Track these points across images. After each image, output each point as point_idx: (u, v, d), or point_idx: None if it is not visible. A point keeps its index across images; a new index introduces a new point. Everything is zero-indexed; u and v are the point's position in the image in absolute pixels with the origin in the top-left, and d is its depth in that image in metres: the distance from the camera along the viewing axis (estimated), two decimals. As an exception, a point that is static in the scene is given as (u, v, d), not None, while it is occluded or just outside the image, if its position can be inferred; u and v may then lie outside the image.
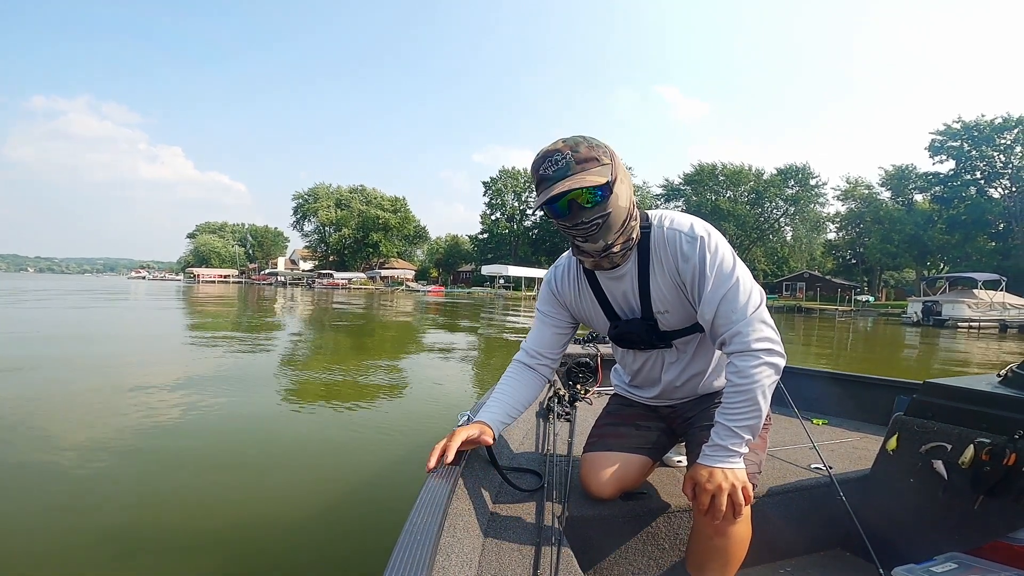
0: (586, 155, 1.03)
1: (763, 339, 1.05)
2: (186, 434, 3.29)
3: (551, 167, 1.03)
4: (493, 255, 60.62)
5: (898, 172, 45.55)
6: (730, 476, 1.03)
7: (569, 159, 1.02)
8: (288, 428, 3.59)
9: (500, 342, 10.08)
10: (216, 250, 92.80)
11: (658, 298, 1.17)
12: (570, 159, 1.02)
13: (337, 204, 68.89)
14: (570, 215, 1.06)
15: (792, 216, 50.16)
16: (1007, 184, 38.34)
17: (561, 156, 1.03)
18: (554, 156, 1.03)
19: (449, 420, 3.65)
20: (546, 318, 1.31)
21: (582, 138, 1.06)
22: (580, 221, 1.06)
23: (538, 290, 10.30)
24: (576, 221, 1.06)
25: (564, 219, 1.08)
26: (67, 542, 1.97)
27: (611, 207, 1.06)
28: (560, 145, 1.05)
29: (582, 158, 1.03)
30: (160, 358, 6.51)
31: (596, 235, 1.07)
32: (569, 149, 1.03)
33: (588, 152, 1.04)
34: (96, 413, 3.70)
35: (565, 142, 1.05)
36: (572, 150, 1.03)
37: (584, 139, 1.06)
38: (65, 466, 2.68)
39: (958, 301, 22.42)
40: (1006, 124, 37.05)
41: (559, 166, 1.03)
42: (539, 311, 1.33)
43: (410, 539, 0.77)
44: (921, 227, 39.89)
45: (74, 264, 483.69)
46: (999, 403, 1.23)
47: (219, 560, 1.90)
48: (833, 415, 2.29)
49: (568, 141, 1.05)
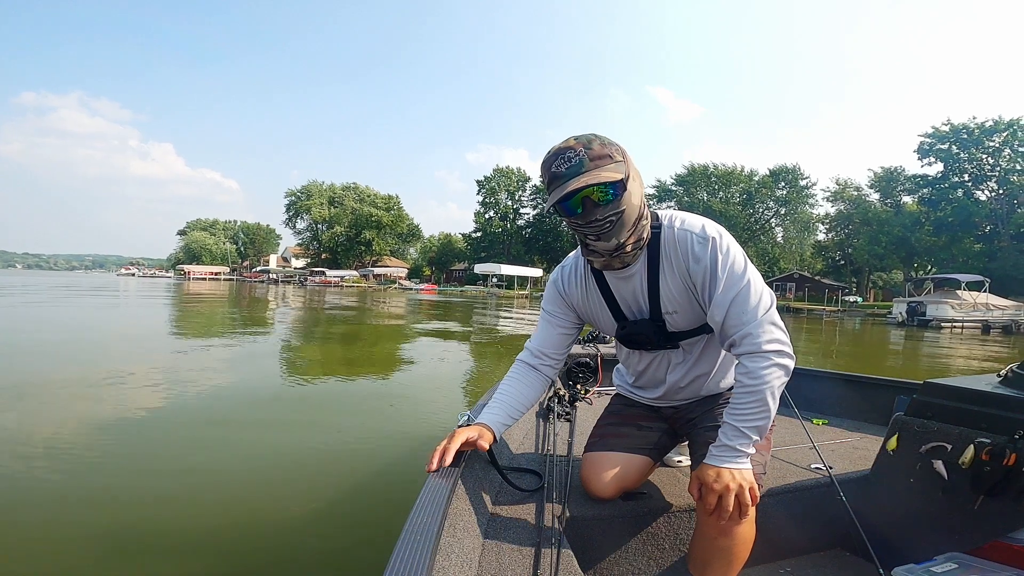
0: (599, 152, 1.02)
1: (774, 340, 1.05)
2: (179, 439, 3.25)
3: (564, 164, 1.01)
4: (486, 254, 60.54)
5: (887, 174, 46.06)
6: (737, 476, 1.03)
7: (583, 156, 1.01)
8: (287, 428, 3.55)
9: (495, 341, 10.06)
10: (207, 247, 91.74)
11: (667, 299, 1.16)
12: (583, 156, 1.01)
13: (330, 202, 68.45)
14: (583, 213, 1.05)
15: (783, 217, 50.58)
16: (994, 186, 38.80)
17: (574, 153, 1.01)
18: (567, 153, 1.02)
19: (449, 420, 3.63)
20: (552, 318, 1.30)
21: (595, 136, 1.04)
22: (594, 219, 1.04)
23: (531, 288, 10.40)
24: (589, 219, 1.05)
25: (577, 217, 1.06)
26: (69, 543, 1.94)
27: (624, 204, 1.04)
28: (572, 143, 1.03)
29: (595, 155, 1.01)
30: (140, 360, 6.42)
31: (609, 233, 1.06)
32: (582, 146, 1.02)
33: (601, 149, 1.02)
34: (83, 409, 3.64)
35: (577, 139, 1.03)
36: (585, 147, 1.02)
37: (597, 137, 1.04)
38: (58, 465, 2.62)
39: (942, 302, 22.74)
40: (995, 127, 37.48)
41: (572, 163, 1.01)
42: (544, 311, 1.31)
43: (410, 539, 0.76)
44: (909, 229, 40.34)
45: (62, 260, 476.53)
46: (999, 403, 1.23)
47: (219, 560, 1.88)
48: (833, 415, 2.30)
49: (581, 139, 1.03)
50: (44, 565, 1.81)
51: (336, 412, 4.02)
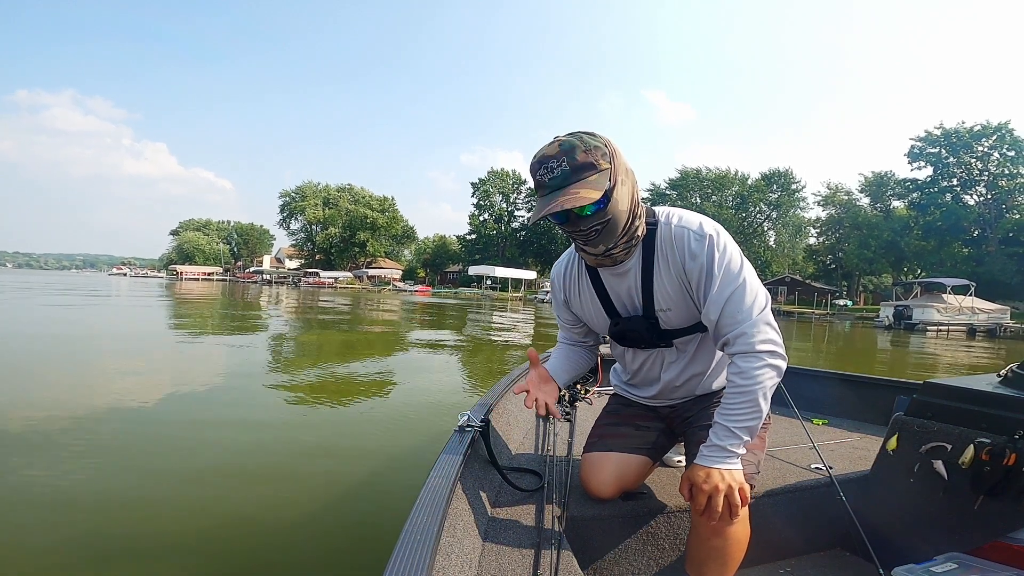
0: (582, 161, 0.99)
1: (767, 341, 1.04)
2: (176, 437, 3.20)
3: (547, 175, 1.01)
4: (480, 256, 60.60)
5: (877, 179, 46.61)
6: (727, 477, 1.02)
7: (565, 169, 0.99)
8: (286, 429, 3.51)
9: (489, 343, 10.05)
10: (200, 247, 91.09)
11: (661, 296, 1.15)
12: (566, 169, 0.99)
13: (325, 203, 68.28)
14: (569, 223, 1.06)
15: (775, 221, 51.02)
16: (983, 191, 39.28)
17: (556, 163, 0.99)
18: (549, 163, 1.00)
19: (449, 420, 3.62)
20: (563, 322, 1.38)
21: (579, 140, 1.00)
22: (578, 229, 1.05)
23: (525, 291, 10.39)
24: (575, 228, 1.06)
25: (564, 224, 1.07)
26: (72, 543, 1.91)
27: (610, 213, 1.03)
28: (556, 150, 1.00)
29: (578, 165, 0.99)
30: (136, 357, 6.34)
31: (595, 240, 1.07)
32: (565, 155, 0.99)
33: (584, 157, 0.99)
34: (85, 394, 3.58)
35: (561, 146, 1.00)
36: (568, 156, 0.99)
37: (581, 141, 1.00)
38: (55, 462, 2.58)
39: (928, 306, 23.06)
40: (984, 131, 37.96)
41: (554, 174, 1.00)
42: (557, 316, 1.40)
43: (410, 539, 0.76)
44: (898, 233, 40.82)
45: (53, 260, 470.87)
46: (999, 403, 1.24)
47: (219, 561, 1.87)
48: (833, 415, 2.30)
49: (564, 145, 1.00)
50: (44, 566, 1.78)
51: (336, 412, 3.98)
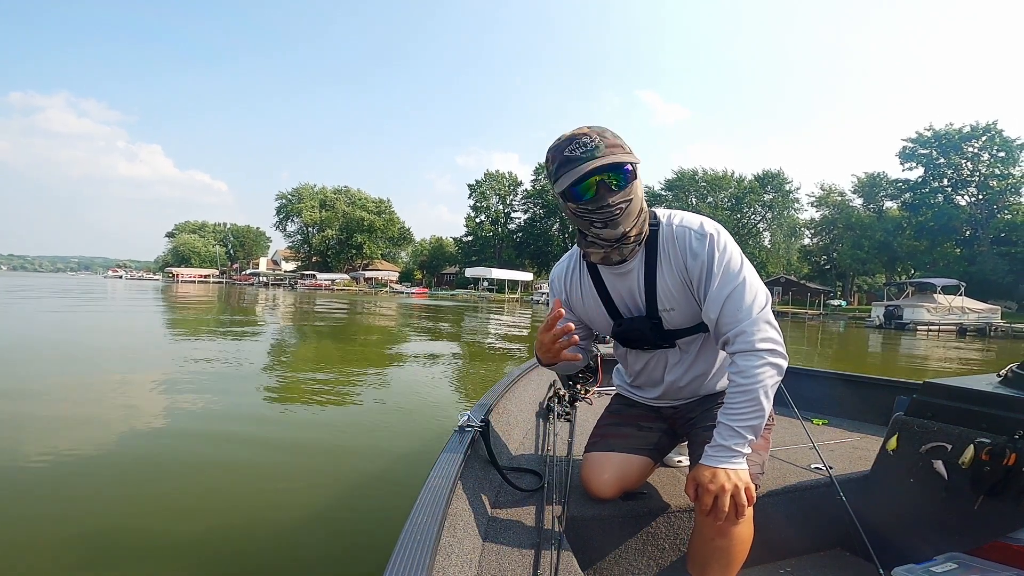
0: (613, 141, 1.04)
1: (767, 339, 1.05)
2: (178, 436, 3.20)
3: (578, 148, 1.03)
4: (477, 257, 60.55)
5: (869, 179, 46.90)
6: (733, 476, 1.02)
7: (598, 142, 1.03)
8: (285, 429, 3.51)
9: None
10: (196, 250, 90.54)
11: (664, 296, 1.15)
12: (599, 142, 1.03)
13: (321, 205, 68.10)
14: (594, 198, 1.05)
15: (770, 222, 51.28)
16: (974, 192, 39.54)
17: (590, 139, 1.03)
18: (582, 139, 1.03)
19: (449, 420, 3.61)
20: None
21: (606, 127, 1.07)
22: (604, 204, 1.05)
23: (521, 292, 10.36)
24: (600, 204, 1.05)
25: (586, 202, 1.06)
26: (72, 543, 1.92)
27: (632, 194, 1.06)
28: (586, 130, 1.05)
29: (610, 143, 1.04)
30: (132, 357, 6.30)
31: (617, 219, 1.07)
32: (597, 134, 1.04)
33: (614, 139, 1.05)
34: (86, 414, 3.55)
35: (591, 128, 1.06)
36: (600, 135, 1.04)
37: (608, 128, 1.07)
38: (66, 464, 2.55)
39: (918, 305, 23.20)
40: (974, 132, 38.25)
41: (587, 148, 1.02)
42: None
43: (410, 539, 0.76)
44: (891, 234, 41.07)
45: (47, 262, 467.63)
46: (999, 403, 1.24)
47: (219, 561, 1.86)
48: (833, 415, 2.30)
49: (595, 127, 1.05)
50: (45, 565, 1.78)
51: (335, 412, 3.97)
